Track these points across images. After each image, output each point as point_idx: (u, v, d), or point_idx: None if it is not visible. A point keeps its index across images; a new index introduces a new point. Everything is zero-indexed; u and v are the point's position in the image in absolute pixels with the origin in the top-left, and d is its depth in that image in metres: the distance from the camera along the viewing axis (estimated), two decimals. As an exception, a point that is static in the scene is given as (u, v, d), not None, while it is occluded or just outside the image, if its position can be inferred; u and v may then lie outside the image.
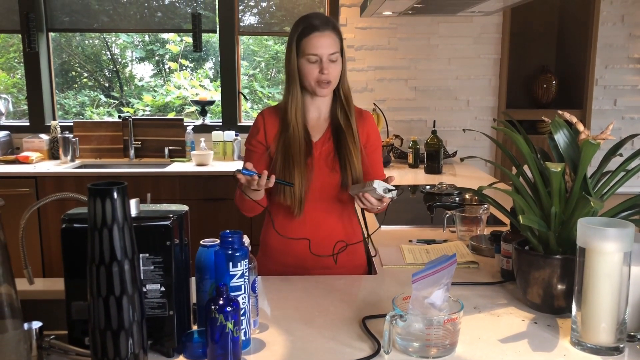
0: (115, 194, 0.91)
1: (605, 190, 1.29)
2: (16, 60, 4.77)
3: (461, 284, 1.49)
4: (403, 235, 1.98)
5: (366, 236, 1.82)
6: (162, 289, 1.07)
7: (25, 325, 1.00)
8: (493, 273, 1.58)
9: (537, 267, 1.27)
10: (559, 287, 1.26)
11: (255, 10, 4.34)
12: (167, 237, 1.06)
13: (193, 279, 1.19)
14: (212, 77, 4.98)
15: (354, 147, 1.71)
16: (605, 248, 1.08)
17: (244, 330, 1.11)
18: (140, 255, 1.04)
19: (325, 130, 1.75)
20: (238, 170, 1.52)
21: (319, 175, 1.70)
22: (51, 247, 3.49)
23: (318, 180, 1.70)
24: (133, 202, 1.06)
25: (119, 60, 5.19)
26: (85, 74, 5.09)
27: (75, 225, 1.05)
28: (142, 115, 4.72)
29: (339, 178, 1.70)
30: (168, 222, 1.06)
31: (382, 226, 2.10)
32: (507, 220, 2.05)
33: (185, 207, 1.14)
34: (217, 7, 4.01)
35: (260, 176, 1.51)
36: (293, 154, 1.67)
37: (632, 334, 1.17)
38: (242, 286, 1.12)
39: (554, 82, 4.04)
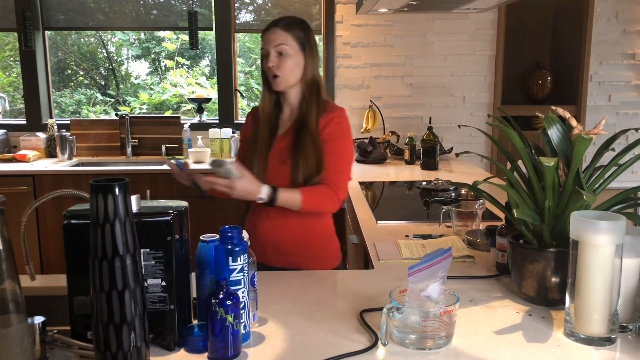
0: (117, 190, 0.92)
1: (597, 185, 1.32)
2: (12, 58, 4.77)
3: (457, 277, 1.51)
4: (399, 231, 2.00)
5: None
6: (163, 283, 1.09)
7: (29, 320, 1.02)
8: (488, 267, 1.61)
9: (532, 260, 1.29)
10: (553, 279, 1.28)
11: (251, 8, 4.35)
12: (167, 232, 1.07)
13: (193, 275, 1.21)
14: (208, 74, 4.99)
15: (310, 141, 1.76)
16: (597, 241, 1.10)
17: (243, 323, 1.13)
18: (142, 250, 1.06)
19: (290, 125, 1.85)
20: (172, 157, 1.68)
21: (271, 167, 1.81)
22: (49, 245, 3.50)
23: (271, 173, 1.80)
24: (134, 198, 1.08)
25: (115, 58, 5.19)
26: (81, 72, 5.09)
27: (77, 221, 1.06)
28: (139, 113, 4.73)
29: (288, 171, 1.76)
30: (168, 218, 1.08)
31: (378, 221, 2.13)
32: (502, 215, 2.07)
33: (185, 203, 1.16)
34: (213, 4, 4.01)
35: (183, 169, 1.74)
36: (255, 145, 1.82)
37: (624, 324, 1.19)
38: (242, 280, 1.13)
39: (548, 78, 4.06)
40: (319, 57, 1.88)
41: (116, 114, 4.16)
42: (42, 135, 3.91)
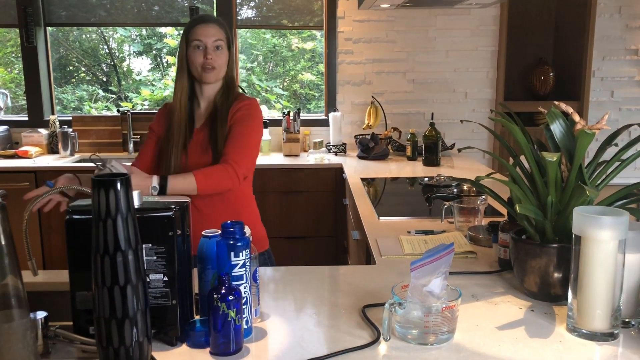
0: (118, 185, 0.92)
1: (600, 180, 1.31)
2: (13, 55, 4.77)
3: (459, 273, 1.51)
4: (402, 227, 2.00)
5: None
6: (165, 278, 1.09)
7: (31, 315, 1.02)
8: (490, 262, 1.60)
9: (534, 255, 1.29)
10: (555, 275, 1.28)
11: (252, 4, 4.34)
12: (169, 227, 1.07)
13: (195, 270, 1.21)
14: (210, 70, 4.98)
15: (221, 131, 1.85)
16: (600, 236, 1.10)
17: (245, 318, 1.13)
18: (144, 245, 1.06)
19: (206, 117, 1.92)
20: (47, 183, 1.67)
21: (193, 158, 1.86)
22: (51, 240, 3.51)
23: (193, 162, 1.85)
24: (136, 194, 1.08)
25: (117, 54, 5.18)
26: (83, 69, 5.08)
27: (79, 216, 1.06)
28: (141, 109, 4.73)
29: (211, 160, 1.83)
30: (170, 213, 1.08)
31: (380, 217, 2.13)
32: (504, 211, 2.06)
33: (187, 199, 1.16)
34: (214, 0, 4.01)
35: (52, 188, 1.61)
36: (173, 138, 1.87)
37: (626, 320, 1.19)
38: (244, 275, 1.13)
39: (551, 74, 4.05)
40: None
41: (118, 110, 4.16)
42: (44, 131, 3.91)
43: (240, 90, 2.24)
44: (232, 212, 1.91)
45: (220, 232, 1.16)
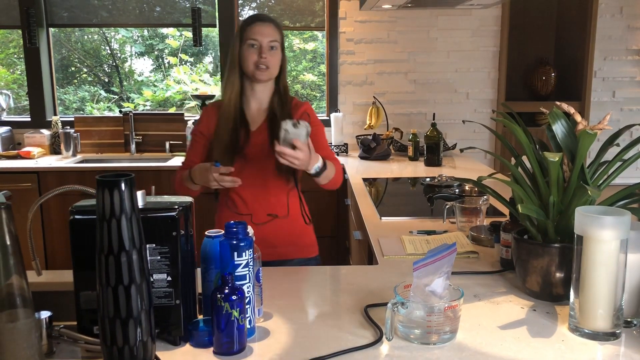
0: (123, 186, 0.93)
1: (602, 180, 1.32)
2: (16, 55, 4.78)
3: (461, 273, 1.51)
4: (403, 227, 2.00)
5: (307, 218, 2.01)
6: (169, 278, 1.09)
7: (36, 315, 1.02)
8: (492, 262, 1.61)
9: (536, 255, 1.29)
10: (557, 275, 1.28)
11: (254, 4, 4.34)
12: (173, 227, 1.08)
13: (198, 270, 1.21)
14: (211, 71, 4.99)
15: None
16: (602, 236, 1.10)
17: (249, 318, 1.14)
18: (147, 245, 1.07)
19: (263, 120, 1.90)
20: (213, 163, 1.70)
21: (254, 162, 1.86)
22: (54, 241, 3.51)
23: (254, 167, 1.86)
24: (140, 194, 1.08)
25: (119, 55, 5.19)
26: (85, 69, 5.09)
27: (83, 216, 1.07)
28: (142, 110, 4.74)
29: (273, 164, 1.81)
30: (174, 213, 1.08)
31: (382, 218, 2.13)
32: (506, 211, 2.07)
33: (190, 199, 1.16)
34: (216, 1, 4.02)
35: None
36: (230, 142, 1.85)
37: (628, 319, 1.19)
38: (247, 275, 1.14)
39: (552, 74, 4.05)
40: None
41: (120, 111, 4.17)
42: (46, 132, 3.92)
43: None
44: (282, 209, 1.94)
45: (223, 231, 1.16)
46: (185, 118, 4.04)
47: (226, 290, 1.06)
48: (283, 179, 1.91)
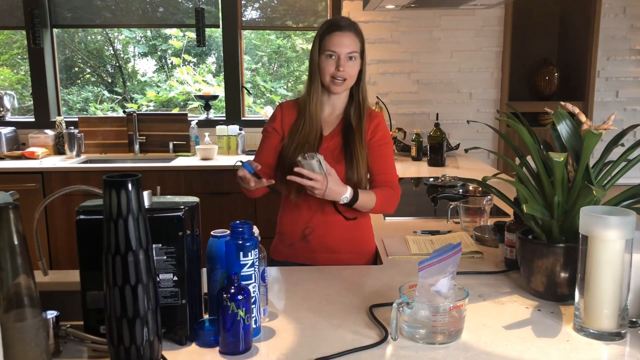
0: (130, 186, 0.93)
1: (607, 180, 1.32)
2: (20, 56, 4.79)
3: (466, 273, 1.51)
4: (407, 227, 2.01)
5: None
6: (175, 278, 1.10)
7: (43, 315, 1.03)
8: (497, 262, 1.61)
9: (541, 255, 1.30)
10: (562, 275, 1.28)
11: (257, 5, 4.35)
12: (179, 227, 1.08)
13: (204, 270, 1.21)
14: (214, 72, 5.00)
15: (360, 144, 1.78)
16: (607, 236, 1.10)
17: (254, 318, 1.14)
18: (154, 245, 1.07)
19: (336, 125, 1.83)
20: (241, 162, 1.63)
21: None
22: (58, 241, 3.52)
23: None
24: (146, 194, 1.09)
25: (122, 55, 5.20)
26: (88, 70, 5.11)
27: (90, 216, 1.07)
28: (146, 110, 4.75)
29: (343, 170, 1.75)
30: (180, 213, 1.09)
31: (386, 218, 2.13)
32: (509, 211, 2.07)
33: (196, 199, 1.17)
34: (219, 1, 4.02)
35: (254, 175, 1.61)
36: (305, 143, 1.77)
37: (633, 319, 1.19)
38: (253, 275, 1.14)
39: (556, 74, 4.05)
40: None
41: (124, 111, 4.18)
42: (50, 132, 3.93)
43: (246, 91, 2.20)
44: (355, 221, 1.83)
45: (229, 232, 1.16)
46: (189, 118, 4.05)
47: (232, 290, 1.06)
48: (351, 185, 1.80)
